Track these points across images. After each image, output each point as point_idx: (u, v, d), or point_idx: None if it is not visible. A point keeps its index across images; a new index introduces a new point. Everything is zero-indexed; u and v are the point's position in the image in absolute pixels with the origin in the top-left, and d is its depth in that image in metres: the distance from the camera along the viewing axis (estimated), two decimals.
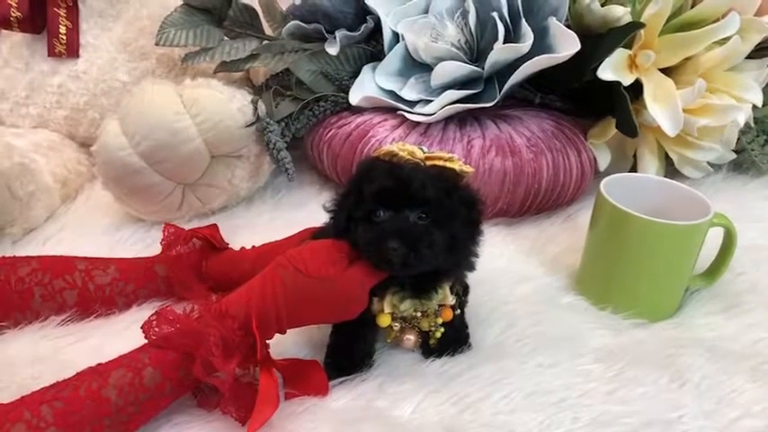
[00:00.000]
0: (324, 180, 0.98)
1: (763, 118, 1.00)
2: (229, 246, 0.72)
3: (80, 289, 0.65)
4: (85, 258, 0.67)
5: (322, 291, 0.54)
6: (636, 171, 0.94)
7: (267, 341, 0.54)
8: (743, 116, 0.87)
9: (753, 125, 0.97)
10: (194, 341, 0.50)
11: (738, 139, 0.97)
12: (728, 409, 0.57)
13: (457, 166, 0.56)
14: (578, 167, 0.87)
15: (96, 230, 0.83)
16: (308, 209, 0.89)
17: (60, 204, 0.89)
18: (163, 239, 0.69)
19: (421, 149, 0.56)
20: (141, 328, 0.52)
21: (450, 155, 0.56)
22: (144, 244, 0.80)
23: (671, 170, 0.95)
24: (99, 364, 0.50)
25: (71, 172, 0.92)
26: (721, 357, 0.62)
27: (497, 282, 0.73)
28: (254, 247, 0.70)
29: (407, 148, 0.55)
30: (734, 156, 0.98)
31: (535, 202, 0.86)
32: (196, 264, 0.69)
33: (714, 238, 0.69)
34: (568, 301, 0.71)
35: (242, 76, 1.05)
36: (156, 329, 0.52)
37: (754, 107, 0.89)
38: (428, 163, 0.55)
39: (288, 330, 0.55)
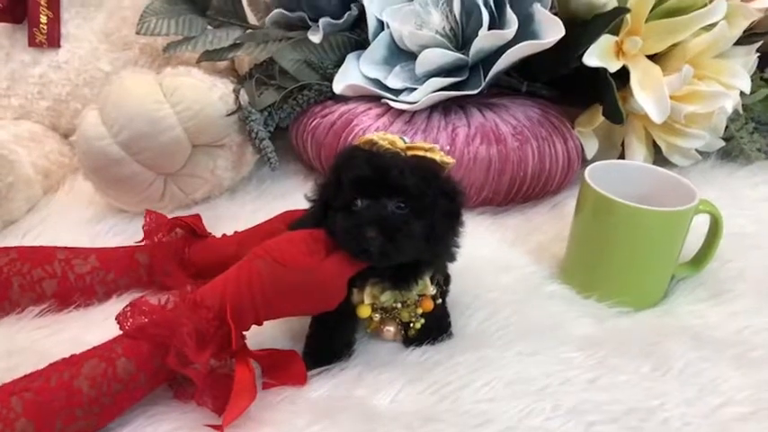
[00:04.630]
0: (309, 170, 0.97)
1: (752, 105, 0.99)
2: (212, 235, 0.71)
3: (59, 278, 0.64)
4: (66, 248, 0.66)
5: (300, 281, 0.53)
6: (624, 159, 0.93)
7: (244, 332, 0.53)
8: (731, 103, 0.86)
9: (741, 112, 0.96)
10: (168, 331, 0.49)
11: (727, 126, 0.96)
12: (711, 397, 0.56)
13: (438, 156, 0.55)
14: (564, 156, 0.87)
15: (78, 222, 0.82)
16: (292, 199, 0.88)
17: (42, 196, 0.88)
18: (144, 225, 0.69)
19: (402, 140, 0.55)
20: (116, 318, 0.51)
21: (431, 145, 0.55)
22: (126, 235, 0.79)
23: (659, 158, 0.95)
24: (72, 355, 0.49)
25: (53, 163, 0.91)
26: (705, 345, 0.62)
27: (481, 270, 0.72)
28: (236, 232, 0.69)
29: (388, 137, 0.54)
30: (722, 143, 0.98)
31: (521, 191, 0.86)
32: (179, 251, 0.68)
33: (702, 226, 0.69)
34: (552, 289, 0.71)
35: (227, 65, 1.04)
36: (131, 320, 0.51)
37: (743, 94, 0.89)
38: (409, 153, 0.54)
39: (267, 322, 0.55)
